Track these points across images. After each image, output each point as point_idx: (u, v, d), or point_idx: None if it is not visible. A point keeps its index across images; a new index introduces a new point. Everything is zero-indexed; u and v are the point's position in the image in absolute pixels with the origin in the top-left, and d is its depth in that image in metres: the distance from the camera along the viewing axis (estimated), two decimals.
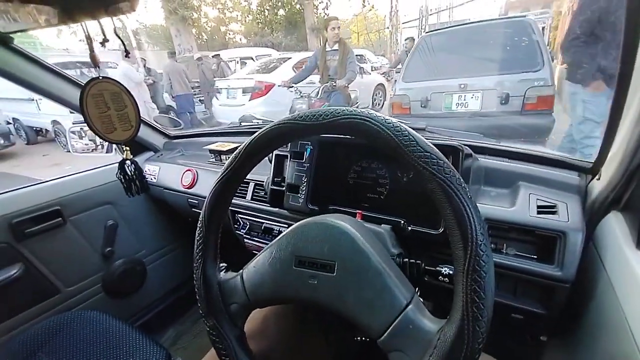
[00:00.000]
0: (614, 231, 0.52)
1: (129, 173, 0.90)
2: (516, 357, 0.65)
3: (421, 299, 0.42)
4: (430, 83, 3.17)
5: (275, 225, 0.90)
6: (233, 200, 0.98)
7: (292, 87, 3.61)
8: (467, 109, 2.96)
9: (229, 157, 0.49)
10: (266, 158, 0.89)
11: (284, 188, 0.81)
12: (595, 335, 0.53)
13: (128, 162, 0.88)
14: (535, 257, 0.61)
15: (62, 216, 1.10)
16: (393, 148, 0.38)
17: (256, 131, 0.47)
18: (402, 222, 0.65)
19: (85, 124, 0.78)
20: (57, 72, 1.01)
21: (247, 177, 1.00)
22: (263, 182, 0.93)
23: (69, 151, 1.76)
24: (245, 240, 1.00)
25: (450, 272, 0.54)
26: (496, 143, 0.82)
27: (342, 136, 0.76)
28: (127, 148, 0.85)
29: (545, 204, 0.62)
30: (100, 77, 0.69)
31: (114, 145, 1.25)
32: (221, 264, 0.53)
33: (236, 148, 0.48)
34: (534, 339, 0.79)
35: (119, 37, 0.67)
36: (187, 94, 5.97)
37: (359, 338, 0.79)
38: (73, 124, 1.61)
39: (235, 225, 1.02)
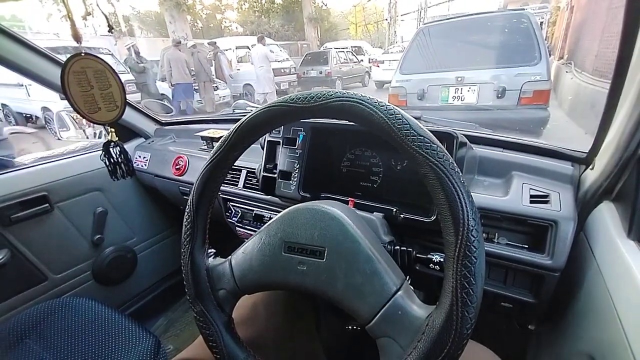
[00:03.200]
0: (605, 220, 0.52)
1: (114, 156, 0.87)
2: (504, 344, 0.66)
3: (412, 287, 0.42)
4: (427, 75, 3.15)
5: (266, 212, 0.89)
6: (225, 188, 0.98)
7: None
8: (463, 102, 2.95)
9: None
10: (259, 145, 0.87)
11: (275, 175, 0.80)
12: (582, 323, 0.53)
13: (113, 144, 0.84)
14: (526, 246, 0.61)
15: (49, 202, 1.08)
16: (386, 131, 0.37)
17: None
18: (395, 210, 0.64)
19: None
20: (39, 51, 0.97)
21: (239, 165, 0.97)
22: (255, 169, 0.91)
23: (60, 139, 1.72)
24: (237, 228, 0.99)
25: (441, 259, 0.54)
26: (491, 133, 0.81)
27: (335, 122, 0.75)
28: (112, 130, 0.82)
29: (538, 193, 0.62)
30: (83, 53, 0.66)
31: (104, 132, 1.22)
32: (210, 250, 0.52)
33: None
34: (522, 327, 0.80)
35: (103, 12, 0.64)
36: (187, 83, 6.09)
37: (350, 327, 0.79)
38: (64, 108, 1.57)
39: (227, 214, 1.01)
